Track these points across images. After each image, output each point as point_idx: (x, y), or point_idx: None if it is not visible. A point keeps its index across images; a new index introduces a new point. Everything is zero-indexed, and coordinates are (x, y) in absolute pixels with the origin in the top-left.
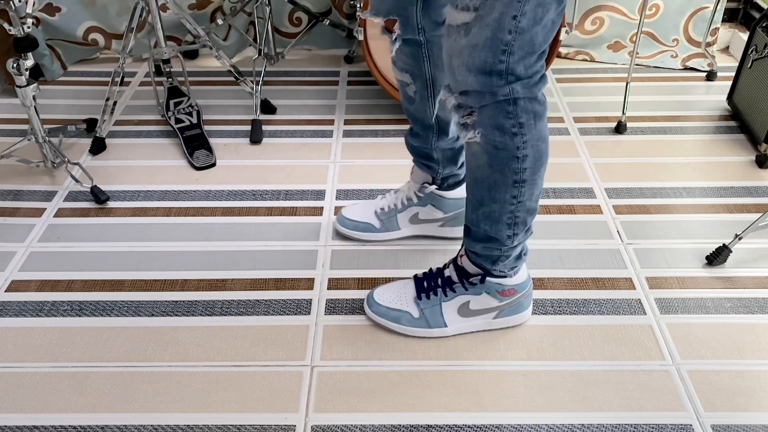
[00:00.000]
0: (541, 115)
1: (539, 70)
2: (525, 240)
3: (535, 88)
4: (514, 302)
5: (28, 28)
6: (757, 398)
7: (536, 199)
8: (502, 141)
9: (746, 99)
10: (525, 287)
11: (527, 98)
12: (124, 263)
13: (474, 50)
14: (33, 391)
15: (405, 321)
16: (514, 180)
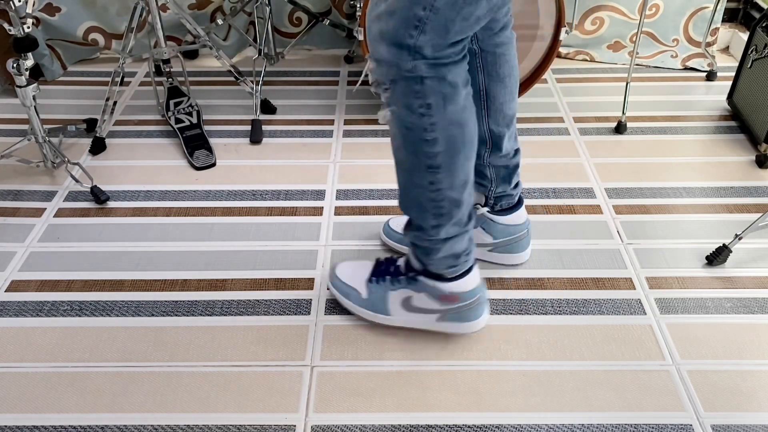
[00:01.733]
0: (452, 98)
1: (451, 55)
2: (457, 235)
3: (444, 69)
4: (457, 309)
5: (28, 28)
6: (757, 398)
7: (459, 189)
8: (410, 121)
9: (746, 99)
10: (470, 297)
11: (435, 78)
12: (124, 263)
13: (390, 18)
14: (33, 391)
15: (353, 299)
16: (428, 165)
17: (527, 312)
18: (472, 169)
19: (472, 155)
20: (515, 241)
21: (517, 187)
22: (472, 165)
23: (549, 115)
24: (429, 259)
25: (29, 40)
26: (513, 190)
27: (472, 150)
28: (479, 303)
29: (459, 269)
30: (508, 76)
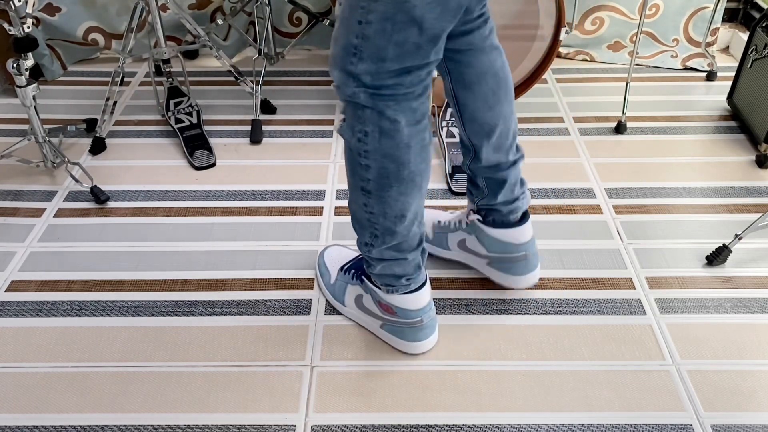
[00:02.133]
0: (390, 133)
1: (392, 86)
2: (395, 260)
3: (382, 103)
4: (396, 324)
5: (28, 28)
6: (757, 398)
7: (393, 220)
8: (350, 141)
9: (746, 99)
10: (409, 316)
11: (373, 109)
12: (124, 263)
13: (335, 43)
14: (33, 391)
15: (324, 280)
16: (362, 187)
17: (527, 312)
18: (415, 206)
19: (410, 192)
20: (511, 261)
21: (510, 204)
22: (413, 201)
23: (549, 115)
24: (369, 270)
25: (29, 40)
26: (503, 207)
27: (412, 188)
28: (422, 326)
29: (398, 290)
30: (476, 83)
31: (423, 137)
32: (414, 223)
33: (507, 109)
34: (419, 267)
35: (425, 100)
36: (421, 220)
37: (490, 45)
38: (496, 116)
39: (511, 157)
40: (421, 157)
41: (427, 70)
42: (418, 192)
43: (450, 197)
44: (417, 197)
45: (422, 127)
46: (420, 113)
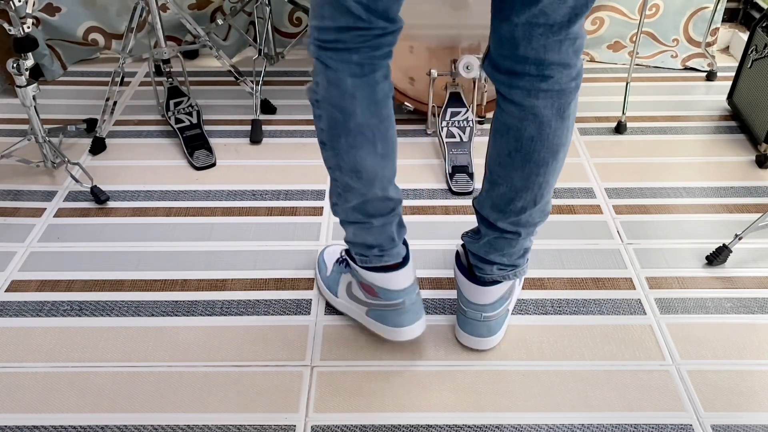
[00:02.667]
0: (335, 83)
1: (333, 41)
2: (359, 224)
3: (325, 55)
4: (379, 307)
5: (28, 28)
6: (757, 398)
7: (349, 174)
8: (308, 94)
9: (746, 99)
10: (389, 297)
11: (318, 60)
12: (124, 263)
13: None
14: (33, 391)
15: (321, 273)
16: (319, 139)
17: (527, 312)
18: (371, 164)
19: (360, 145)
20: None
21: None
22: (366, 157)
23: None
24: (345, 239)
25: (29, 40)
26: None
27: (362, 141)
28: (404, 309)
29: (371, 262)
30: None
31: (371, 91)
32: (374, 184)
33: (517, 178)
34: (392, 240)
35: (372, 56)
36: (386, 186)
37: (532, 107)
38: (503, 176)
39: (503, 226)
40: (371, 111)
41: (366, 32)
42: (372, 148)
43: (450, 197)
44: (371, 154)
45: (369, 81)
46: (365, 67)
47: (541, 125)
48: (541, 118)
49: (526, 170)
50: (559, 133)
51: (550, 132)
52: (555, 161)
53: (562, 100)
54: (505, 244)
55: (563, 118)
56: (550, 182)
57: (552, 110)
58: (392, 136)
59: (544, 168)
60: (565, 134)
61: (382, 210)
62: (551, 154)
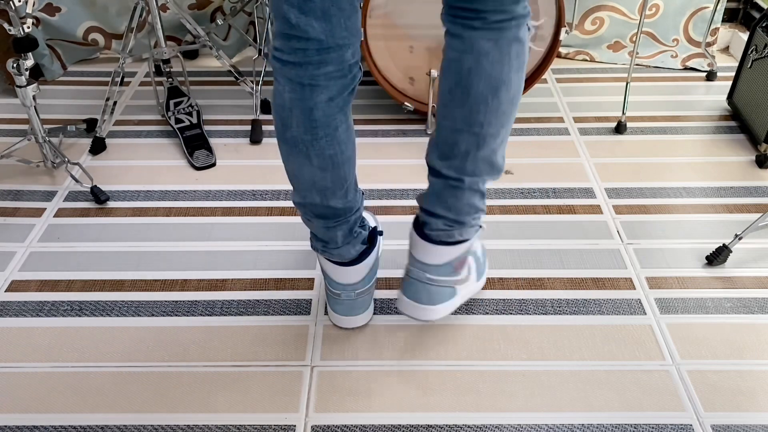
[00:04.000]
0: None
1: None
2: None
3: (274, 63)
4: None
5: (28, 28)
6: (757, 398)
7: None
8: None
9: (746, 99)
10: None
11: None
12: (124, 263)
13: None
14: (33, 391)
15: None
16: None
17: (527, 312)
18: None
19: (295, 157)
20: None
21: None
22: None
23: (549, 115)
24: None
25: (29, 40)
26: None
27: (296, 154)
28: (340, 300)
29: (315, 249)
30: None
31: (308, 110)
32: (311, 191)
33: (459, 116)
34: (336, 242)
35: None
36: (328, 196)
37: (470, 38)
38: (444, 115)
39: (447, 172)
40: (305, 127)
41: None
42: (308, 162)
43: None
44: (306, 165)
45: (306, 100)
46: (305, 88)
47: (479, 56)
48: (478, 49)
49: (466, 107)
50: (498, 68)
51: (487, 64)
52: (495, 99)
53: (501, 34)
54: (449, 195)
55: (502, 52)
56: (493, 124)
57: (490, 43)
58: (333, 155)
59: (484, 106)
60: (505, 70)
61: (325, 214)
62: (489, 89)
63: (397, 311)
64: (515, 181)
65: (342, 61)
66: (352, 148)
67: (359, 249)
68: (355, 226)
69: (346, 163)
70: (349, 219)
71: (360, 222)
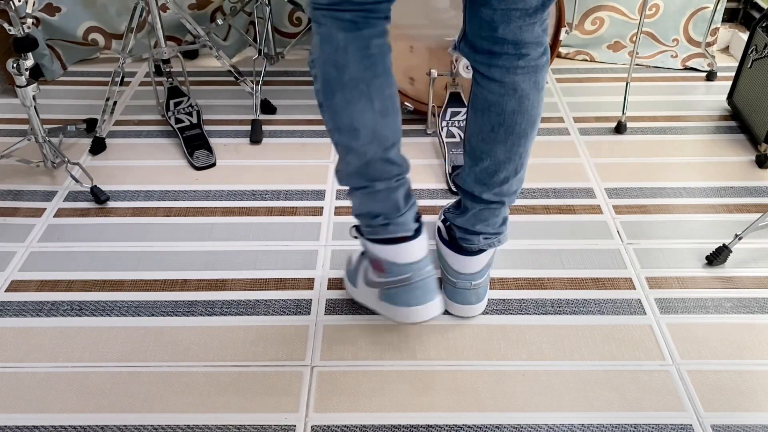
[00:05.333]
0: (327, 39)
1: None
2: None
3: (319, 14)
4: (389, 285)
5: (28, 28)
6: (757, 398)
7: (346, 134)
8: (309, 58)
9: (746, 99)
10: (398, 272)
11: (315, 21)
12: (124, 263)
13: None
14: (33, 391)
15: (346, 269)
16: (318, 102)
17: (527, 312)
18: (369, 121)
19: (355, 100)
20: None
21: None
22: (363, 113)
23: (549, 115)
24: (353, 212)
25: (29, 40)
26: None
27: (357, 96)
28: (413, 286)
29: (377, 233)
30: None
31: (364, 45)
32: (372, 143)
33: (501, 151)
34: (397, 208)
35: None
36: (387, 147)
37: (512, 83)
38: (486, 151)
39: (487, 197)
40: (364, 65)
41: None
42: (368, 103)
43: (450, 197)
44: (368, 110)
45: (362, 35)
46: (358, 24)
47: (521, 99)
48: (521, 93)
49: (509, 143)
50: (536, 104)
51: (528, 104)
52: (533, 131)
53: (537, 74)
54: (489, 215)
55: (539, 89)
56: (529, 151)
57: (529, 84)
58: (391, 95)
59: (524, 139)
60: (541, 104)
61: (384, 174)
62: (530, 124)
63: None
64: None
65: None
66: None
67: (416, 219)
68: (410, 190)
69: (399, 111)
70: (407, 177)
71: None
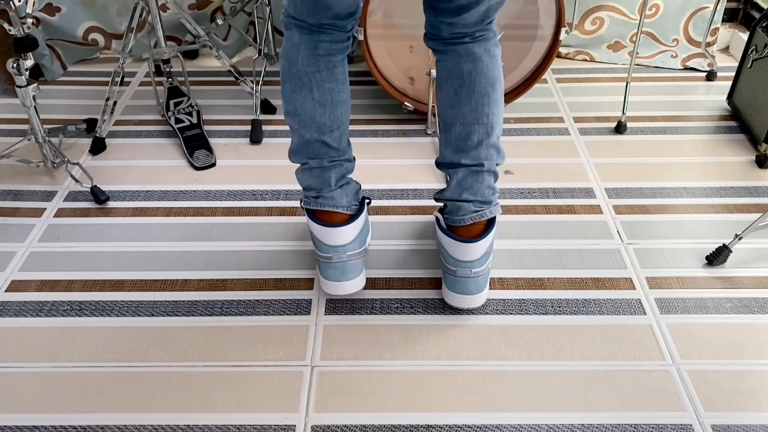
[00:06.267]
0: (288, 38)
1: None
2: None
3: (287, 20)
4: (317, 256)
5: (28, 28)
6: (757, 398)
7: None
8: None
9: (746, 99)
10: (320, 249)
11: (284, 25)
12: (124, 263)
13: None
14: (33, 391)
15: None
16: (280, 87)
17: (527, 312)
18: (310, 109)
19: (299, 90)
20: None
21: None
22: (305, 103)
23: (549, 115)
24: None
25: (29, 40)
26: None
27: (300, 87)
28: (331, 264)
29: (309, 204)
30: (443, 80)
31: (313, 45)
32: (310, 126)
33: (467, 112)
34: (329, 184)
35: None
36: (324, 131)
37: (466, 51)
38: (454, 115)
39: (466, 162)
40: (308, 61)
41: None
42: (309, 94)
43: None
44: (309, 100)
45: (312, 38)
46: (313, 31)
47: (476, 61)
48: (474, 56)
49: (473, 102)
50: (492, 67)
51: (483, 65)
52: (494, 92)
53: (487, 42)
54: (473, 181)
55: (491, 56)
56: (496, 114)
57: (480, 49)
58: (330, 89)
59: (487, 98)
60: (497, 69)
61: (320, 153)
62: (489, 84)
63: (397, 311)
64: (515, 181)
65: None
66: (347, 95)
67: (351, 202)
68: (347, 174)
69: (342, 105)
70: (342, 163)
71: (350, 170)
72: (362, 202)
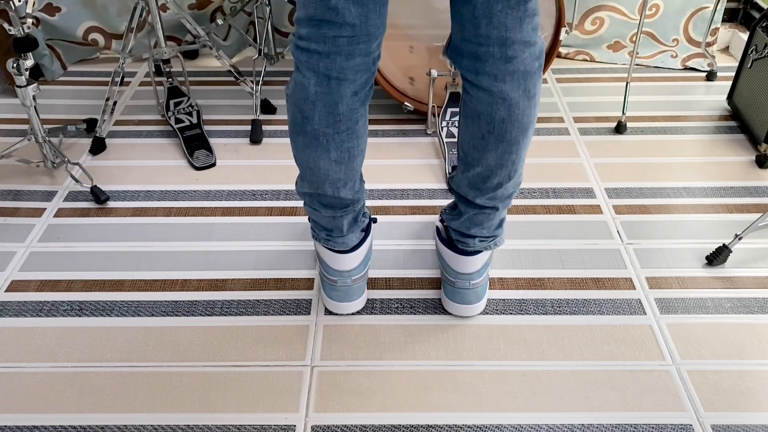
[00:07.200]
0: (300, 86)
1: (305, 37)
2: (311, 207)
3: (297, 54)
4: (321, 276)
5: (28, 28)
6: (757, 398)
7: (303, 168)
8: (287, 84)
9: (746, 99)
10: (326, 271)
11: (294, 61)
12: (124, 263)
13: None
14: (33, 391)
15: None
16: (288, 126)
17: (527, 312)
18: (325, 167)
19: (313, 148)
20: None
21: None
22: (319, 160)
23: (549, 115)
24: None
25: (29, 40)
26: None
27: (316, 146)
28: (336, 287)
29: (319, 240)
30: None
31: (332, 102)
32: (326, 183)
33: (492, 158)
34: (341, 230)
35: (342, 67)
36: (339, 187)
37: (500, 92)
38: (477, 158)
39: (481, 202)
40: (327, 121)
41: (329, 27)
42: (326, 154)
43: (450, 197)
44: (324, 159)
45: (332, 94)
46: (331, 81)
47: (510, 108)
48: (509, 102)
49: (500, 150)
50: (528, 113)
51: (519, 113)
52: (525, 138)
53: (528, 82)
54: (484, 219)
55: (529, 98)
56: (522, 157)
57: (518, 92)
58: (350, 148)
59: (516, 146)
60: (533, 113)
61: (333, 205)
62: (521, 132)
63: (397, 311)
64: None
65: (368, 53)
66: (366, 140)
67: (360, 236)
68: (359, 216)
69: (360, 155)
70: (355, 208)
71: (362, 211)
72: (368, 226)
